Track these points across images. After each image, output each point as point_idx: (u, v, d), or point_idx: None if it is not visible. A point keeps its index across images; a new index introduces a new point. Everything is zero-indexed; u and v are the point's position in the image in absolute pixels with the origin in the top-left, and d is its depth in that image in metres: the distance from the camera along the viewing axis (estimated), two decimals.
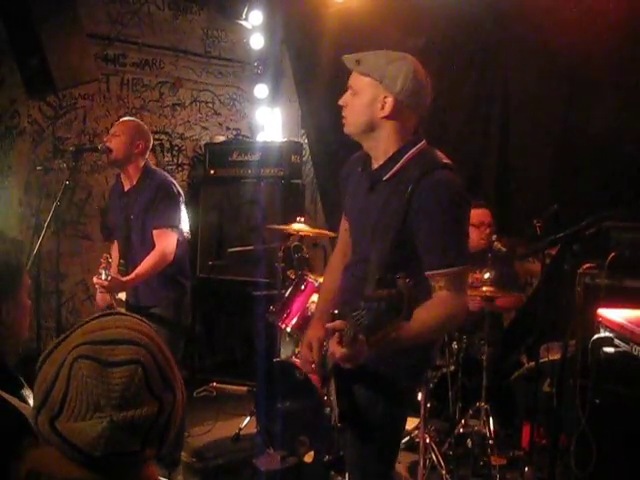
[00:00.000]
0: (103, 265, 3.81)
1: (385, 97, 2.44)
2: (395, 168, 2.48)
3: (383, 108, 2.45)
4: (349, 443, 2.61)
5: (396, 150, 2.49)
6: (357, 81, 2.51)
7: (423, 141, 2.54)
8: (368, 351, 2.15)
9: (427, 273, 2.37)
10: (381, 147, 2.52)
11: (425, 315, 2.28)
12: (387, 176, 2.49)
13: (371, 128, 2.49)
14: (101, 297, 4.10)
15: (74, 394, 1.22)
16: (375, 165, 2.57)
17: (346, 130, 2.57)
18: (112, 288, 3.89)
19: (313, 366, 2.63)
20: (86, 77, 5.30)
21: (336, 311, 2.36)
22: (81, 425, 1.21)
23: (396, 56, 2.51)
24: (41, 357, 1.31)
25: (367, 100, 2.47)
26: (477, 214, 4.78)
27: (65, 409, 1.22)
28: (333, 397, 2.53)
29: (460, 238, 2.44)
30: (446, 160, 2.49)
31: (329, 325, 2.25)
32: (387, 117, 2.46)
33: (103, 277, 3.77)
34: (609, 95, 4.70)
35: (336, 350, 2.16)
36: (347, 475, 2.85)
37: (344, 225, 2.87)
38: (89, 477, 1.24)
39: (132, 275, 3.92)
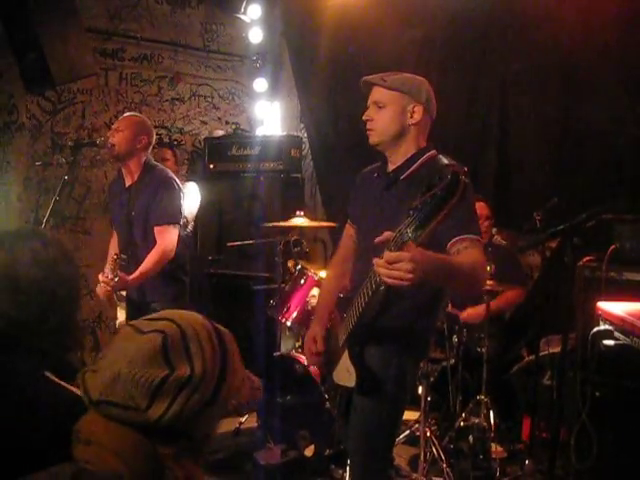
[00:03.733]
0: (111, 266, 3.80)
1: (414, 106, 2.74)
2: (411, 169, 2.75)
3: (412, 116, 2.75)
4: (356, 410, 2.79)
5: (414, 153, 2.78)
6: (383, 96, 2.76)
7: (434, 150, 2.81)
8: (420, 261, 2.15)
9: (450, 242, 2.53)
10: (402, 151, 2.78)
11: (462, 257, 2.49)
12: (404, 176, 2.75)
13: (400, 135, 2.76)
14: (103, 291, 4.10)
15: (104, 351, 1.39)
16: (391, 167, 2.82)
17: (372, 141, 2.80)
18: (118, 287, 3.90)
19: (318, 358, 2.93)
20: (84, 72, 5.29)
21: (341, 295, 2.69)
22: (95, 374, 1.36)
23: (412, 75, 2.82)
24: None
25: (398, 110, 2.74)
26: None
27: (93, 364, 1.38)
28: (343, 369, 2.78)
29: (475, 217, 2.71)
30: (454, 162, 2.68)
31: (379, 239, 2.24)
32: (415, 124, 2.75)
33: (110, 276, 3.77)
34: (608, 88, 4.69)
35: (390, 255, 2.15)
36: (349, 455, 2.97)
37: (348, 231, 3.10)
38: (111, 440, 1.32)
39: (136, 274, 3.91)
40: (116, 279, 3.78)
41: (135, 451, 1.33)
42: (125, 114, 4.33)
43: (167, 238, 4.00)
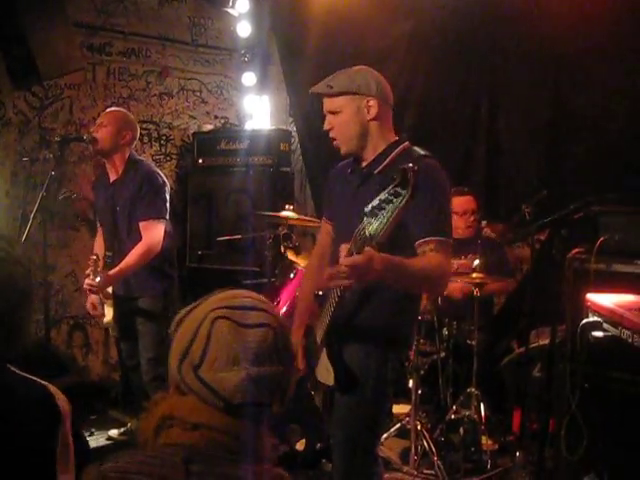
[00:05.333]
0: (92, 268, 3.81)
1: (368, 102, 2.70)
2: (385, 162, 2.70)
3: (369, 111, 2.70)
4: (339, 407, 2.77)
5: (385, 147, 2.74)
6: (335, 103, 2.73)
7: (407, 142, 2.78)
8: (379, 263, 2.24)
9: (418, 242, 2.56)
10: (371, 146, 2.75)
11: (422, 260, 2.53)
12: (378, 170, 2.71)
13: (363, 134, 2.72)
14: (90, 301, 4.12)
15: (214, 348, 1.41)
16: (364, 163, 2.79)
17: (343, 152, 2.79)
18: (102, 287, 3.91)
19: (299, 372, 2.84)
20: (72, 66, 5.26)
21: (320, 292, 2.64)
22: (222, 375, 1.40)
23: (355, 68, 2.78)
24: (175, 321, 1.52)
25: (353, 112, 2.70)
26: (461, 202, 4.75)
27: (205, 361, 1.41)
28: (323, 367, 2.73)
29: (447, 215, 2.69)
30: (429, 153, 2.70)
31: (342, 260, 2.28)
32: (374, 119, 2.71)
33: (92, 277, 3.78)
34: (597, 80, 4.69)
35: (346, 260, 2.23)
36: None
37: (325, 228, 3.07)
38: (221, 421, 1.41)
39: (117, 269, 3.92)
40: (97, 279, 3.78)
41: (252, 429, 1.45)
42: (109, 109, 4.33)
43: (152, 233, 4.00)
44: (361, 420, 2.75)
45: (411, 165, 2.10)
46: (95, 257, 3.88)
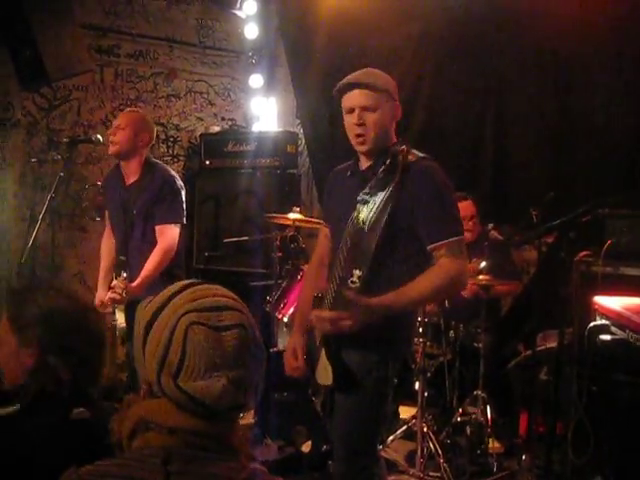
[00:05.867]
0: (122, 287, 3.77)
1: (395, 103, 2.73)
2: (384, 166, 2.63)
3: (396, 115, 2.75)
4: (339, 407, 2.76)
5: (387, 148, 2.69)
6: (373, 99, 2.67)
7: (405, 145, 2.71)
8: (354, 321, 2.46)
9: (429, 247, 2.60)
10: (379, 147, 2.70)
11: (425, 281, 2.58)
12: (377, 172, 2.63)
13: (387, 136, 2.73)
14: (99, 298, 4.09)
15: (191, 356, 1.38)
16: (365, 165, 2.77)
17: (366, 148, 2.71)
18: (126, 299, 3.87)
19: (298, 371, 2.87)
20: (80, 68, 5.27)
21: (320, 294, 2.65)
22: (202, 384, 1.38)
23: (377, 70, 2.80)
24: (144, 321, 1.47)
25: (388, 112, 2.70)
26: (461, 208, 4.73)
27: (183, 370, 1.38)
28: (322, 368, 2.73)
29: (454, 211, 2.70)
30: (427, 155, 2.71)
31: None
32: (395, 121, 2.75)
33: (119, 292, 3.76)
34: (604, 81, 4.69)
35: (324, 314, 2.45)
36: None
37: (323, 231, 3.06)
38: (198, 425, 1.41)
39: (139, 280, 3.88)
40: (124, 294, 3.76)
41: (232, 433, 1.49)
42: (126, 110, 4.32)
43: (168, 237, 3.98)
44: (361, 421, 2.74)
45: (403, 147, 2.17)
46: (125, 276, 3.84)
